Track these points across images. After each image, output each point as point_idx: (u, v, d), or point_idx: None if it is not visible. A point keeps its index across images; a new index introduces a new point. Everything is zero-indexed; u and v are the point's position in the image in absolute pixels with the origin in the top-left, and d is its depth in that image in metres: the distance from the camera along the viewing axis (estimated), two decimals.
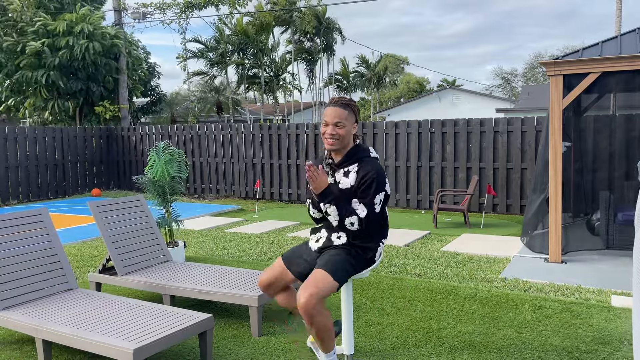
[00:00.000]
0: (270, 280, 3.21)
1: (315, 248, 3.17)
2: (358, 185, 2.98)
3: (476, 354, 3.61)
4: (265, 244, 7.22)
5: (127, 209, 5.03)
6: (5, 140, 11.93)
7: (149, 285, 4.38)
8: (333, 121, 2.97)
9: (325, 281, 2.87)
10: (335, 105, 3.01)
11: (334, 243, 3.07)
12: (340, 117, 2.97)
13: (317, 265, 2.98)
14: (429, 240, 7.36)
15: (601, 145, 7.12)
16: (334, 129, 2.97)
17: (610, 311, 4.36)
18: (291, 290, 3.30)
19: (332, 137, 2.98)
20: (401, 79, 56.30)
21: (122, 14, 16.99)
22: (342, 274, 2.94)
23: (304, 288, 2.85)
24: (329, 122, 2.98)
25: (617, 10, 17.77)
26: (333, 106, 3.01)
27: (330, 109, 3.00)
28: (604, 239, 6.35)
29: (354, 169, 3.02)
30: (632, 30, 6.16)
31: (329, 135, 2.98)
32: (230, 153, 12.43)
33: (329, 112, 2.99)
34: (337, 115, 2.97)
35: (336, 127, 2.97)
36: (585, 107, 7.02)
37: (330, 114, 2.98)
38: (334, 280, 2.89)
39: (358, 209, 2.98)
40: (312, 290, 2.83)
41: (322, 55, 34.35)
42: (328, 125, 2.98)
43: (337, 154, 3.09)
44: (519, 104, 29.67)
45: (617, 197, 6.64)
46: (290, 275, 3.19)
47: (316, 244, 3.16)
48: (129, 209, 5.04)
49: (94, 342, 3.12)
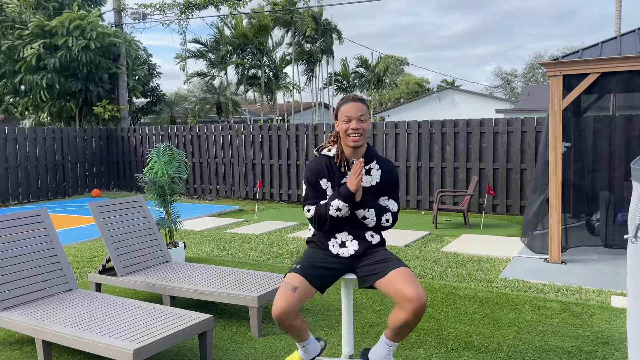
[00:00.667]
0: (293, 304, 2.78)
1: (351, 253, 2.98)
2: (385, 182, 3.01)
3: (476, 354, 3.61)
4: (265, 244, 7.22)
5: (127, 209, 5.03)
6: (5, 140, 11.93)
7: (148, 286, 4.38)
8: (357, 115, 2.90)
9: (413, 274, 2.85)
10: (354, 101, 2.96)
11: (372, 243, 3.03)
12: (362, 110, 2.93)
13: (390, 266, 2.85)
14: (429, 241, 7.36)
15: (601, 145, 7.12)
16: (358, 123, 2.90)
17: (610, 311, 4.36)
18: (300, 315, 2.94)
19: (356, 131, 2.90)
20: (401, 80, 56.32)
21: (122, 15, 16.99)
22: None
23: (413, 286, 2.71)
24: (353, 117, 2.90)
25: (616, 11, 17.78)
26: (352, 102, 2.95)
27: (350, 105, 2.94)
28: (603, 239, 6.35)
29: (375, 166, 3.01)
30: (632, 30, 6.16)
31: (354, 130, 2.89)
32: (230, 154, 12.43)
33: (350, 108, 2.92)
34: (359, 109, 2.92)
35: (360, 121, 2.91)
36: (585, 108, 7.02)
37: (352, 109, 2.92)
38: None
39: (389, 205, 3.01)
40: (419, 285, 2.76)
41: (322, 56, 34.37)
42: (351, 121, 2.90)
43: (356, 152, 3.00)
44: (518, 104, 29.69)
45: (617, 198, 6.64)
46: (312, 292, 2.89)
47: (348, 250, 2.98)
48: (129, 210, 5.04)
49: (94, 342, 3.12)
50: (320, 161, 3.04)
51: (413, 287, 2.71)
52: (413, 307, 2.69)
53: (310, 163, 3.06)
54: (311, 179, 3.02)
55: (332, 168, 3.01)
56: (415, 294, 2.69)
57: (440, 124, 10.15)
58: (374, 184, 3.00)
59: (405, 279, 2.76)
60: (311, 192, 3.03)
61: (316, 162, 3.04)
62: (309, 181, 3.03)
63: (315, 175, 3.01)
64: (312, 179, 3.02)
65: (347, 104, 2.95)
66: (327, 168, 3.01)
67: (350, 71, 40.61)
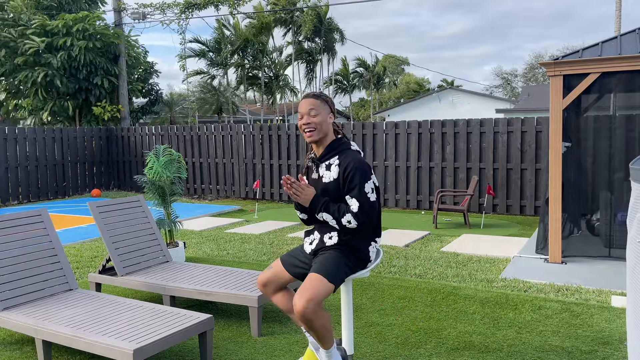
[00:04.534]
0: (268, 278, 3.18)
1: (309, 251, 3.13)
2: (343, 179, 2.95)
3: (476, 354, 3.61)
4: (265, 244, 7.22)
5: (127, 209, 5.02)
6: (5, 140, 11.93)
7: (148, 286, 4.38)
8: (307, 110, 2.96)
9: (321, 285, 2.83)
10: (307, 97, 3.02)
11: (326, 244, 3.02)
12: (313, 105, 2.97)
13: (311, 269, 2.95)
14: (429, 241, 7.36)
15: (601, 145, 7.11)
16: (308, 117, 2.97)
17: (610, 311, 4.36)
18: (289, 292, 3.26)
19: (307, 126, 2.97)
20: (401, 80, 56.31)
21: (122, 14, 16.98)
22: (336, 275, 2.89)
23: (300, 293, 2.82)
24: (303, 113, 2.98)
25: (616, 11, 17.77)
26: (305, 98, 3.03)
27: (302, 102, 3.02)
28: (603, 239, 6.35)
29: (335, 161, 3.00)
30: (632, 30, 6.16)
31: (305, 125, 2.98)
32: (230, 154, 12.43)
33: (301, 104, 3.01)
34: (309, 104, 2.97)
35: (310, 116, 2.96)
36: (585, 108, 7.01)
37: (303, 105, 2.99)
38: (329, 282, 2.85)
39: (351, 204, 2.92)
40: (308, 295, 2.79)
41: (323, 55, 34.36)
42: (303, 117, 2.99)
43: (319, 147, 3.07)
44: (519, 104, 29.67)
45: (617, 198, 6.63)
46: (286, 275, 3.16)
47: (310, 247, 3.12)
48: (129, 210, 5.04)
49: (94, 342, 3.12)
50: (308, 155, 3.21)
51: (299, 297, 2.80)
52: (297, 313, 2.81)
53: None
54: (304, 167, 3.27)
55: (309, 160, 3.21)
56: (297, 303, 2.80)
57: (440, 124, 10.15)
58: (332, 180, 2.99)
59: (304, 286, 2.86)
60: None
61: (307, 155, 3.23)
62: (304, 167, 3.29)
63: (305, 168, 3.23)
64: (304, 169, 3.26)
65: (301, 101, 3.02)
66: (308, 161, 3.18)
67: (350, 71, 40.61)
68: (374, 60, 42.04)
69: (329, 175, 3.00)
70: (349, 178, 2.93)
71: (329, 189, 3.00)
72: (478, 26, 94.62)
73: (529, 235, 7.67)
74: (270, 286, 3.19)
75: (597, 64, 5.59)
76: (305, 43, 33.91)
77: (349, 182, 2.93)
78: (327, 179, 3.00)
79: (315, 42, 33.55)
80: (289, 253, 3.25)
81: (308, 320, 2.81)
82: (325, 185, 3.01)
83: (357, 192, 2.91)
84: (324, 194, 3.02)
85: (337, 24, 33.99)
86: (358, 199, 2.91)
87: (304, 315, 2.79)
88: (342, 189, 2.97)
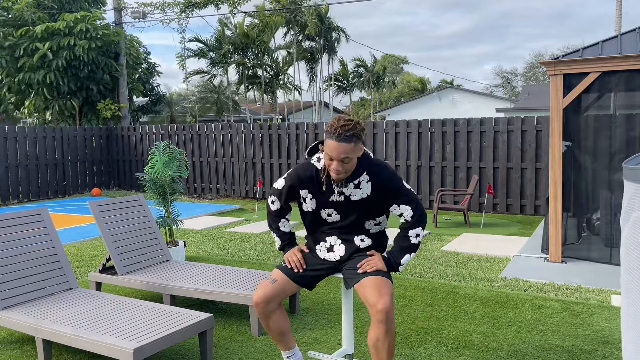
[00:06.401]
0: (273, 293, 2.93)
1: (336, 258, 3.00)
2: (383, 191, 2.86)
3: (476, 353, 3.61)
4: (265, 243, 7.22)
5: (127, 208, 5.03)
6: (5, 139, 11.92)
7: (149, 285, 4.38)
8: (339, 157, 2.70)
9: (387, 282, 2.80)
10: (339, 139, 2.67)
11: (360, 247, 2.98)
12: (346, 152, 2.69)
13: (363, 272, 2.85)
14: (429, 240, 7.36)
15: (601, 145, 7.11)
16: (340, 164, 2.73)
17: (610, 310, 4.36)
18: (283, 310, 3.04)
19: (338, 172, 2.75)
20: (401, 79, 56.29)
21: (122, 14, 16.98)
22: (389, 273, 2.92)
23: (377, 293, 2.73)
24: (334, 158, 2.71)
25: (617, 10, 17.76)
26: (337, 141, 2.68)
27: (333, 144, 2.69)
28: (603, 239, 6.35)
29: (365, 178, 2.85)
30: (633, 29, 6.16)
31: (335, 170, 2.74)
32: (230, 153, 12.42)
33: (333, 147, 2.69)
34: (342, 151, 2.69)
35: (342, 163, 2.73)
36: (585, 107, 7.01)
37: (334, 150, 2.69)
38: (389, 280, 2.85)
39: (403, 211, 2.87)
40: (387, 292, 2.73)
41: (323, 54, 34.35)
42: (333, 161, 2.73)
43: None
44: (519, 103, 29.65)
45: (617, 197, 6.63)
46: (294, 287, 2.98)
47: (333, 254, 3.00)
48: (129, 209, 5.04)
49: (94, 341, 3.12)
50: (307, 170, 2.94)
51: (380, 296, 2.71)
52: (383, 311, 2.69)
53: (299, 168, 2.96)
54: (292, 183, 2.97)
55: (317, 180, 2.92)
56: (378, 299, 2.70)
57: (440, 123, 10.15)
58: (365, 196, 2.87)
59: (372, 285, 2.77)
60: (284, 191, 3.01)
61: (303, 170, 2.95)
62: (288, 182, 2.97)
63: (297, 183, 2.95)
64: (294, 186, 2.97)
65: (331, 140, 2.70)
66: (312, 179, 2.93)
67: (350, 71, 40.58)
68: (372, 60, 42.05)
69: (359, 193, 2.87)
70: (388, 187, 2.85)
71: (360, 206, 2.90)
72: (477, 26, 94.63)
73: (529, 235, 7.67)
74: (274, 302, 2.95)
75: (597, 63, 5.59)
76: (306, 42, 33.91)
77: (390, 191, 2.86)
78: (358, 196, 2.87)
79: (316, 41, 33.54)
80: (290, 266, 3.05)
81: (389, 319, 2.72)
82: (355, 203, 2.89)
83: (404, 195, 2.87)
84: (354, 211, 2.92)
85: (337, 23, 33.98)
86: (407, 202, 2.87)
87: (389, 311, 2.71)
88: (380, 201, 2.90)
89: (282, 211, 3.11)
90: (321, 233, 3.04)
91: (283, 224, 3.14)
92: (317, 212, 2.98)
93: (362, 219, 2.95)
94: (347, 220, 2.95)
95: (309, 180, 2.93)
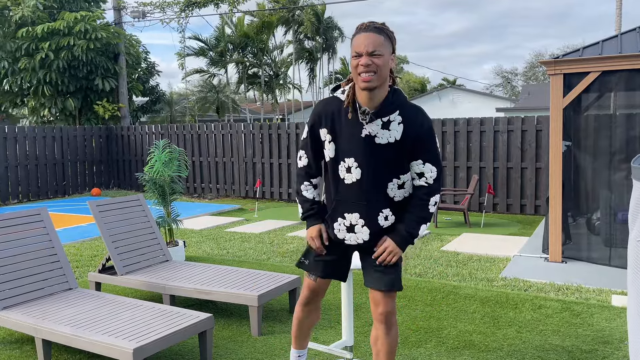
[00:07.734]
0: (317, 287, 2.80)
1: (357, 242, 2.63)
2: (412, 140, 2.46)
3: (476, 353, 3.60)
4: (265, 243, 7.22)
5: (127, 208, 5.02)
6: (5, 139, 11.92)
7: (148, 285, 4.38)
8: (368, 49, 2.33)
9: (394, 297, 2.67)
10: (368, 30, 2.36)
11: (383, 227, 2.59)
12: (376, 43, 2.33)
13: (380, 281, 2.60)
14: (429, 240, 7.36)
15: (601, 144, 7.11)
16: (369, 58, 2.34)
17: (611, 310, 4.36)
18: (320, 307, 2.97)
19: (367, 68, 2.34)
20: (401, 79, 56.31)
21: (122, 13, 16.97)
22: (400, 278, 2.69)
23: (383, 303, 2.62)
24: (362, 51, 2.34)
25: (617, 10, 17.76)
26: (364, 32, 2.36)
27: (361, 36, 2.35)
28: (603, 239, 6.34)
29: (397, 118, 2.44)
30: (633, 29, 6.15)
31: (364, 66, 2.34)
32: (230, 152, 12.42)
33: (360, 40, 2.35)
34: (371, 42, 2.33)
35: (372, 57, 2.34)
36: (585, 106, 7.01)
37: (362, 42, 2.34)
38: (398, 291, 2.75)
39: (426, 172, 2.50)
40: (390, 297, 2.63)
41: (323, 54, 34.36)
42: (361, 57, 2.35)
43: (370, 99, 2.44)
44: (519, 103, 29.65)
45: (618, 197, 6.63)
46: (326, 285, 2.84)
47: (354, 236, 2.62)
48: (129, 209, 5.03)
49: (94, 341, 3.12)
50: (328, 104, 2.58)
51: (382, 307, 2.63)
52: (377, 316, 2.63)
53: (318, 104, 2.62)
54: (313, 125, 2.63)
55: (340, 114, 2.54)
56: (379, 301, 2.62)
57: (440, 123, 10.14)
58: (393, 141, 2.45)
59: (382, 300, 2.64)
60: (309, 138, 2.67)
61: (324, 105, 2.60)
62: (310, 123, 2.64)
63: (318, 121, 2.60)
64: (315, 126, 2.62)
65: (359, 34, 2.37)
66: (333, 115, 2.55)
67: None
68: None
69: (386, 135, 2.45)
70: (421, 136, 2.46)
71: (383, 151, 2.48)
72: (476, 25, 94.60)
73: (529, 235, 7.66)
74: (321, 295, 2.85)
75: (597, 63, 5.58)
76: (306, 42, 33.92)
77: (423, 142, 2.46)
78: (384, 139, 2.46)
79: (315, 40, 33.54)
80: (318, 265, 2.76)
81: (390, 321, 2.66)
82: (380, 148, 2.48)
83: (434, 153, 2.49)
84: (377, 161, 2.50)
85: (336, 22, 34.00)
86: (435, 162, 2.51)
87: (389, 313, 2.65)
88: (404, 152, 2.49)
89: (310, 169, 2.71)
90: (340, 205, 2.61)
91: (307, 188, 2.72)
92: (336, 166, 2.58)
93: (385, 176, 2.53)
94: (369, 178, 2.52)
95: (330, 114, 2.56)
